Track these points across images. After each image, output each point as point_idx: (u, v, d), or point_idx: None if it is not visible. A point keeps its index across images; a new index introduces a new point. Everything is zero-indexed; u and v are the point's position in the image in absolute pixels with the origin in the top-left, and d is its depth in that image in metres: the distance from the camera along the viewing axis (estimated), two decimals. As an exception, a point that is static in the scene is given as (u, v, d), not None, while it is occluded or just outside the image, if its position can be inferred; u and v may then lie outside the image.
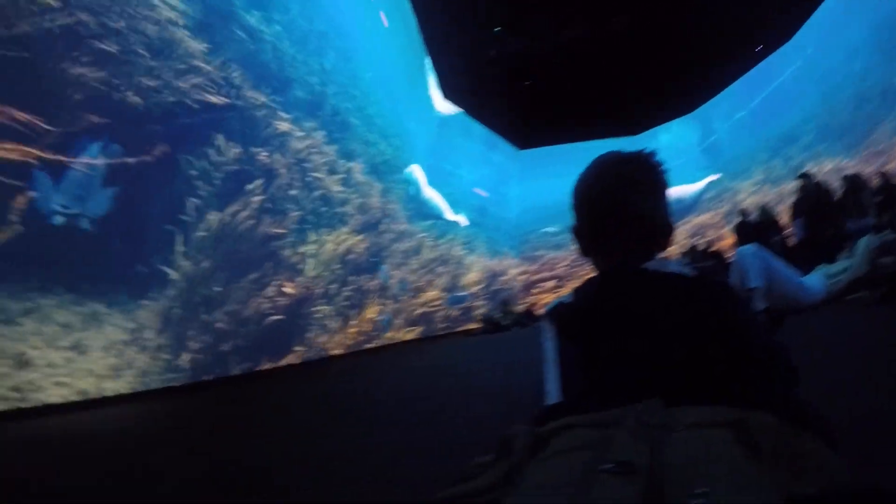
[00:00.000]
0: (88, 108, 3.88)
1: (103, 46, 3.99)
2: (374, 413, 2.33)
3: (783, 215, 8.43)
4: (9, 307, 3.36)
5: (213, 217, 4.69)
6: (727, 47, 11.04)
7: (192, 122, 4.57)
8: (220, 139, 4.85)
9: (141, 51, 4.28)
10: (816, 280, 4.30)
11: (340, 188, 6.90)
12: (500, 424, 0.83)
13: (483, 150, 13.98)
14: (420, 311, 9.33)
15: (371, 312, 7.53)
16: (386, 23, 10.11)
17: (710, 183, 13.75)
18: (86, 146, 3.83)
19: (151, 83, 4.28)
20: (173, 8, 4.64)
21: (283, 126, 5.91)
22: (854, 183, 7.02)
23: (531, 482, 0.45)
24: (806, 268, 4.59)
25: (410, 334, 8.70)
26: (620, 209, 0.81)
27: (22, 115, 3.45)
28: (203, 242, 4.55)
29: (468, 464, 0.51)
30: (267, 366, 5.13)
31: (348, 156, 7.48)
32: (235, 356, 4.75)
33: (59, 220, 3.59)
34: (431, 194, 11.06)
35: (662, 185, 0.84)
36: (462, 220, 12.01)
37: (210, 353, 4.54)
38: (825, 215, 6.85)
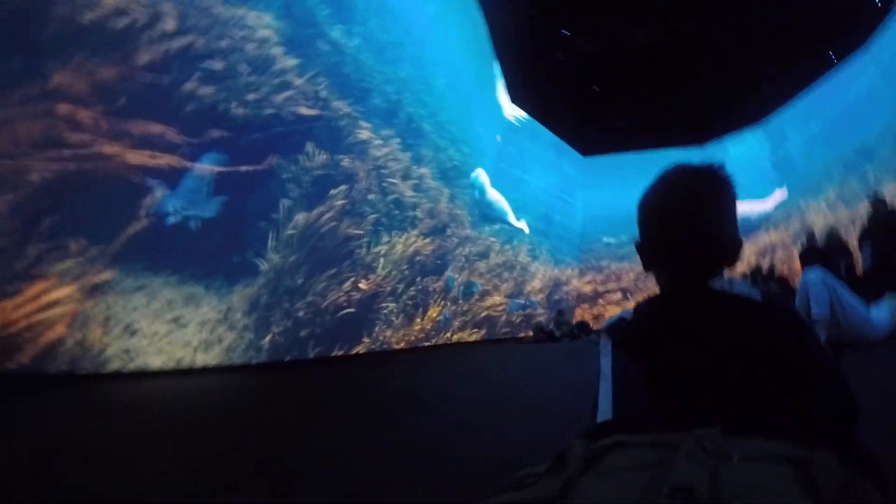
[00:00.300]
0: (202, 120, 4.42)
1: (212, 65, 4.60)
2: (420, 407, 2.52)
3: (852, 240, 8.00)
4: (126, 283, 3.99)
5: (301, 217, 5.21)
6: (798, 53, 10.55)
7: (285, 132, 5.07)
8: (309, 146, 5.37)
9: (242, 68, 4.85)
10: (884, 313, 4.04)
11: (412, 193, 7.27)
12: (539, 435, 1.13)
13: (551, 156, 13.79)
14: (484, 314, 9.62)
15: (433, 312, 7.88)
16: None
17: (781, 202, 13.17)
18: (200, 155, 4.39)
19: (251, 97, 4.83)
20: (268, 27, 5.12)
21: (364, 134, 6.30)
22: None
23: (587, 498, 0.45)
24: (872, 298, 4.33)
25: (474, 336, 9.03)
26: (687, 225, 0.80)
27: (157, 128, 4.11)
28: (290, 239, 5.08)
29: (520, 472, 0.52)
30: (338, 353, 5.63)
31: (420, 161, 7.80)
32: (311, 341, 5.28)
33: (172, 220, 4.16)
34: (496, 197, 11.05)
35: (731, 200, 0.83)
36: (524, 226, 11.90)
37: (289, 337, 5.07)
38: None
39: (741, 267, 10.71)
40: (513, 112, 12.32)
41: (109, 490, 1.51)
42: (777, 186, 13.42)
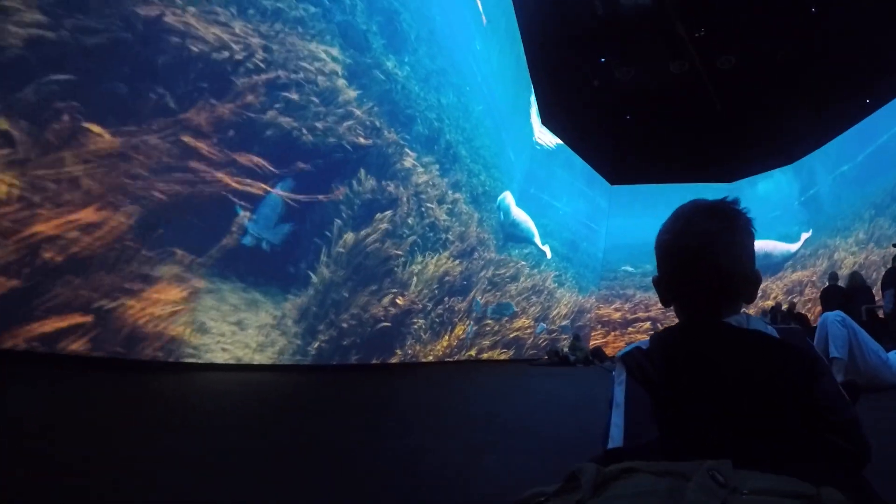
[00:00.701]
0: (281, 149, 5.02)
1: (289, 96, 5.21)
2: (436, 423, 2.62)
3: (875, 284, 8.05)
4: (200, 287, 4.57)
5: (350, 236, 5.77)
6: (834, 98, 11.00)
7: (344, 159, 5.64)
8: (361, 172, 5.92)
9: (313, 99, 5.46)
10: None
11: (446, 217, 7.79)
12: (543, 461, 1.31)
13: (580, 182, 14.17)
14: (513, 335, 10.46)
15: (459, 331, 8.55)
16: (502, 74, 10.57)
17: (807, 239, 13.40)
18: (277, 181, 4.98)
19: (319, 126, 5.42)
20: (334, 60, 5.66)
21: (408, 162, 6.82)
22: None
23: None
24: (891, 343, 4.44)
25: (503, 355, 9.97)
26: (701, 261, 0.82)
27: (254, 159, 4.73)
28: (339, 256, 5.64)
29: (529, 491, 0.53)
30: (375, 361, 6.26)
31: (455, 186, 8.23)
32: (352, 349, 5.89)
33: (249, 241, 4.77)
34: (523, 218, 11.39)
35: (748, 236, 0.85)
36: (547, 250, 12.26)
37: (333, 344, 5.66)
38: None
39: (767, 302, 11.71)
40: (543, 136, 12.61)
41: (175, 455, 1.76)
42: (805, 225, 13.72)
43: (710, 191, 12.99)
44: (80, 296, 3.49)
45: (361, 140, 5.96)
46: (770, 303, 11.65)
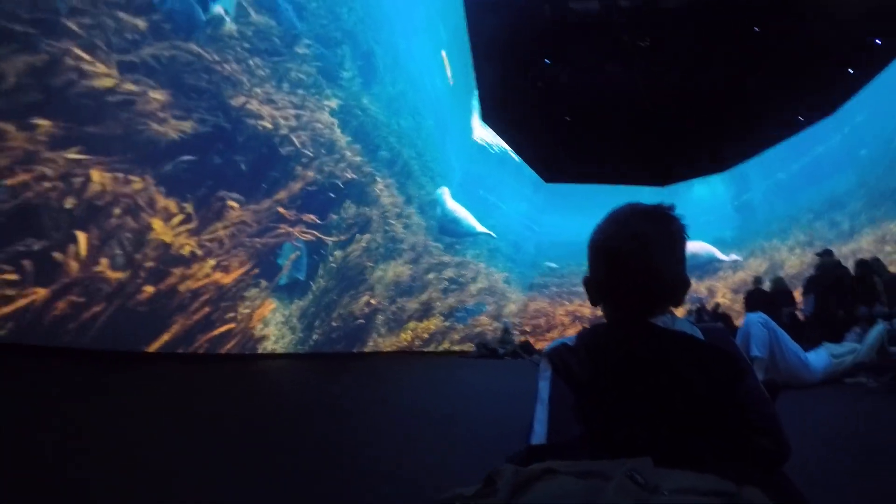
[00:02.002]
0: (305, 197, 7.14)
1: (306, 152, 7.21)
2: (369, 416, 2.96)
3: (796, 289, 9.05)
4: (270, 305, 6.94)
5: (339, 253, 7.89)
6: (769, 113, 12.18)
7: (338, 194, 7.70)
8: (347, 202, 8.07)
9: (322, 150, 7.42)
10: (820, 358, 4.66)
11: (403, 231, 9.90)
12: (473, 452, 1.85)
13: (520, 182, 15.76)
14: (478, 329, 13.39)
15: (431, 324, 11.21)
16: (451, 79, 11.93)
17: (742, 240, 15.05)
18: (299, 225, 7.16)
19: (326, 170, 7.46)
20: (332, 114, 7.55)
21: (379, 187, 8.78)
22: (869, 269, 7.54)
23: None
24: (809, 345, 4.95)
25: (469, 347, 12.42)
26: (633, 264, 0.90)
27: (308, 218, 7.05)
28: (331, 269, 7.76)
29: (448, 492, 0.58)
30: (354, 350, 8.66)
31: (409, 201, 10.07)
32: (339, 342, 8.15)
33: (285, 281, 6.99)
34: (462, 214, 12.82)
35: (679, 241, 0.94)
36: (489, 231, 13.76)
37: (326, 336, 7.84)
38: (838, 296, 7.28)
39: (707, 305, 12.88)
40: (488, 136, 14.03)
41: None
42: (737, 230, 15.36)
43: (644, 193, 14.24)
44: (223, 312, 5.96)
45: (349, 175, 7.98)
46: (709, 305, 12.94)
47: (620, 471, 0.55)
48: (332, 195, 7.74)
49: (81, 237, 4.07)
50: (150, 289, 4.74)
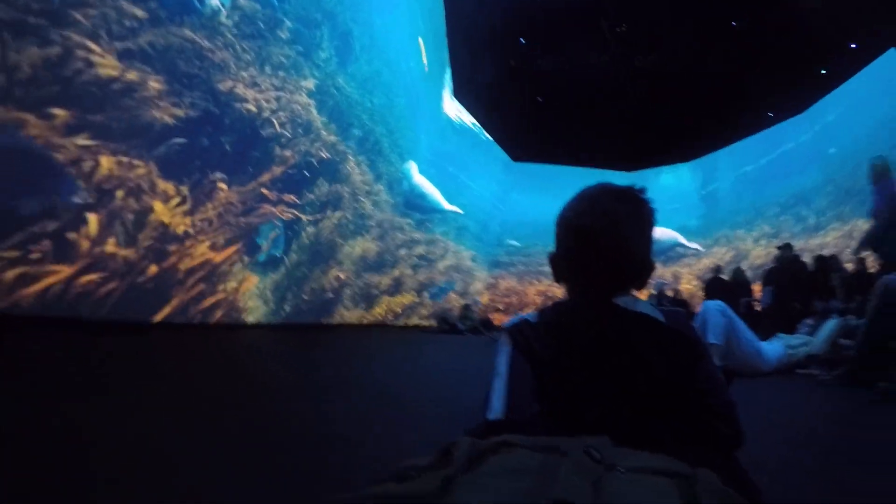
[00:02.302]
0: (288, 176, 7.65)
1: (286, 133, 7.62)
2: (329, 388, 3.02)
3: (758, 280, 9.44)
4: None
5: (311, 229, 8.32)
6: (740, 106, 12.58)
7: (312, 173, 8.10)
8: (321, 180, 8.54)
9: (299, 131, 7.83)
10: (775, 348, 4.80)
11: (371, 208, 10.34)
12: (432, 427, 1.90)
13: (489, 159, 15.96)
14: (448, 306, 13.91)
15: (406, 299, 12.09)
16: (426, 61, 12.16)
17: (707, 230, 15.53)
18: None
19: (302, 149, 7.89)
20: (310, 94, 7.84)
21: (350, 165, 9.12)
22: (827, 264, 7.87)
23: (465, 498, 0.50)
24: (765, 335, 5.13)
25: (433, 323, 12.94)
26: (601, 243, 0.93)
27: (267, 192, 7.47)
28: (304, 245, 8.20)
29: (402, 463, 0.58)
30: (322, 321, 9.23)
31: (378, 178, 10.38)
32: (309, 314, 8.67)
33: (263, 257, 7.44)
34: (430, 189, 13.10)
35: (648, 224, 0.97)
36: (457, 209, 14.06)
37: (297, 310, 8.35)
38: (795, 289, 7.55)
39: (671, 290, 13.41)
40: (462, 115, 14.24)
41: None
42: (702, 218, 15.89)
43: (612, 178, 14.97)
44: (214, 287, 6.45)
45: (323, 154, 8.42)
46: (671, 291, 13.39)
47: (578, 447, 0.56)
48: (307, 174, 8.18)
49: (92, 219, 4.59)
50: (154, 268, 5.30)
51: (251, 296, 7.33)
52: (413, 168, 12.34)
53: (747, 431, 0.87)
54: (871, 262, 7.17)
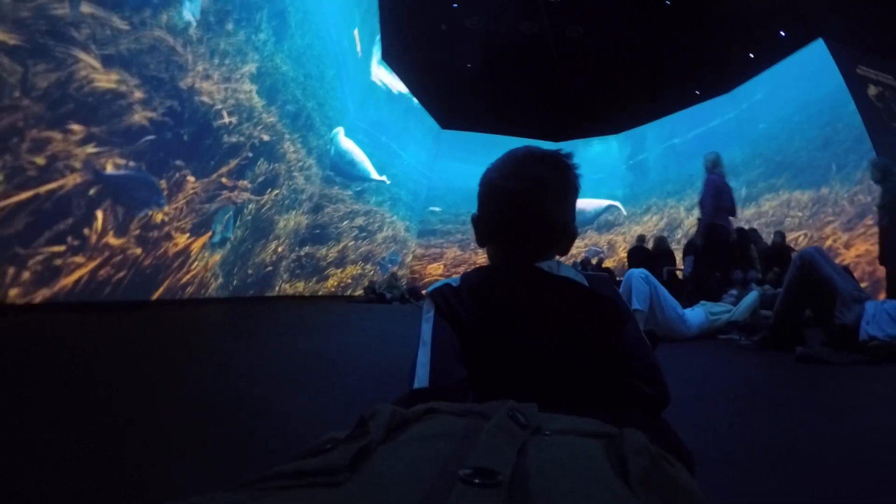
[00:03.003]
0: (239, 167, 8.63)
1: (232, 120, 8.35)
2: (260, 359, 3.26)
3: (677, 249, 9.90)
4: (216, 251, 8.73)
5: (252, 206, 9.11)
6: (666, 84, 13.42)
7: (254, 154, 8.83)
8: (261, 160, 9.22)
9: (244, 116, 8.53)
10: (697, 315, 5.07)
11: (303, 182, 11.01)
12: (360, 396, 2.05)
13: (419, 128, 16.38)
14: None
15: (352, 270, 13.72)
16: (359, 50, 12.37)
17: (636, 198, 16.39)
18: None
19: (246, 134, 8.71)
20: (251, 79, 8.41)
21: (287, 145, 9.79)
22: (747, 237, 8.27)
23: (379, 468, 0.48)
24: (688, 303, 5.42)
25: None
26: (526, 206, 0.96)
27: (225, 180, 8.44)
28: (246, 221, 9.02)
29: (321, 437, 0.58)
30: (265, 294, 10.31)
31: (310, 152, 10.96)
32: (253, 287, 9.64)
33: (217, 238, 8.35)
34: (360, 158, 13.57)
35: (573, 190, 1.01)
36: (385, 179, 14.47)
37: (242, 284, 9.27)
38: (715, 260, 7.74)
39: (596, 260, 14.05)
40: (395, 83, 14.40)
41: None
42: (627, 188, 16.80)
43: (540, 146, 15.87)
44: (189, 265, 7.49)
45: (265, 136, 9.12)
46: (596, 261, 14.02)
47: (501, 410, 0.56)
48: (251, 155, 9.05)
49: (99, 215, 5.80)
50: (149, 259, 6.55)
51: (212, 274, 8.39)
52: (340, 133, 12.57)
53: (673, 392, 0.91)
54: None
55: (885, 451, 1.48)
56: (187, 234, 7.29)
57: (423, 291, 7.48)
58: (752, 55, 12.28)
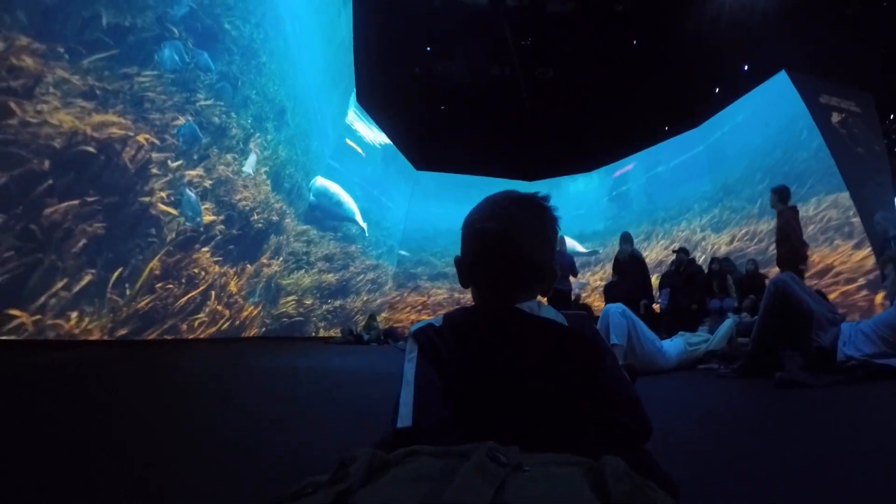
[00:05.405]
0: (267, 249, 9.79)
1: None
2: (240, 398, 3.25)
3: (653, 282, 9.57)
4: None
5: (267, 270, 10.31)
6: (636, 120, 13.56)
7: (265, 233, 9.69)
8: (272, 236, 10.02)
9: (272, 218, 9.76)
10: (675, 346, 5.11)
11: (306, 247, 12.01)
12: (344, 438, 1.84)
13: (395, 169, 16.19)
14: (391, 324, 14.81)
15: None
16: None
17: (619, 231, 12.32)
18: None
19: (257, 217, 9.53)
20: (268, 177, 9.65)
21: (287, 221, 10.89)
22: (722, 266, 8.35)
23: None
24: (666, 335, 5.47)
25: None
26: (506, 248, 0.98)
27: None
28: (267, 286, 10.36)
29: (300, 482, 0.58)
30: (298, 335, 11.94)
31: (298, 218, 11.61)
32: (289, 330, 11.43)
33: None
34: (346, 199, 13.40)
35: (550, 230, 1.04)
36: (365, 227, 14.17)
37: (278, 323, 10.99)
38: (691, 291, 7.94)
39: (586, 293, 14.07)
40: (375, 137, 14.33)
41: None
42: (610, 221, 16.34)
43: (512, 187, 14.15)
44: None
45: (274, 218, 10.30)
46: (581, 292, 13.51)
47: (480, 450, 0.56)
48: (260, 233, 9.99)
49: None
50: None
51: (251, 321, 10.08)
52: (318, 179, 12.57)
53: (655, 424, 0.92)
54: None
55: (869, 472, 1.50)
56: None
57: (401, 330, 13.02)
58: (717, 90, 12.63)
